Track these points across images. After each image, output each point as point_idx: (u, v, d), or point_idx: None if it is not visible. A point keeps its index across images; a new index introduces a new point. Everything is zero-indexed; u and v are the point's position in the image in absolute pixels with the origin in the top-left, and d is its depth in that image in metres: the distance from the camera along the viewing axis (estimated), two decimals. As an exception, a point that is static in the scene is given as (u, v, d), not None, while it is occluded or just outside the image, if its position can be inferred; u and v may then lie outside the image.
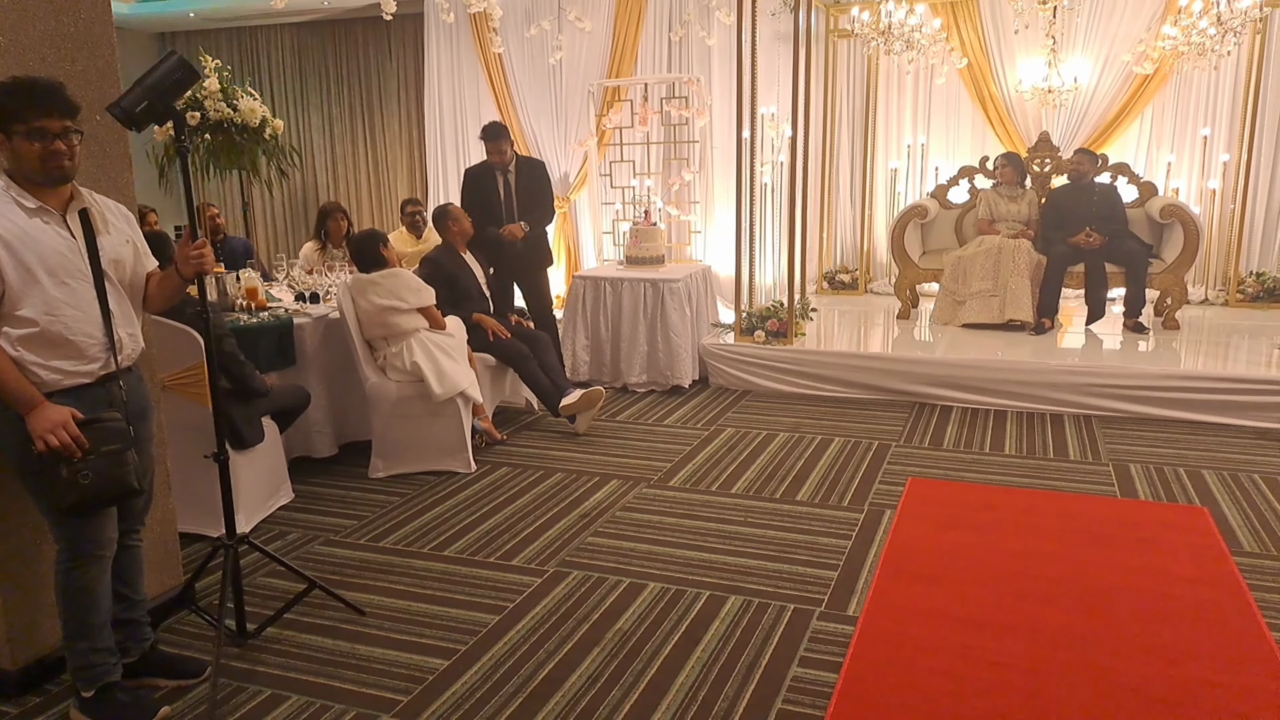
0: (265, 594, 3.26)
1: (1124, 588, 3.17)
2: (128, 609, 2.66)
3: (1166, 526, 3.70)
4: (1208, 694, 2.55)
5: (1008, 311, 6.11)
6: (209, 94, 4.54)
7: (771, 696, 2.60)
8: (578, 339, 6.17)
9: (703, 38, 7.82)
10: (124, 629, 2.65)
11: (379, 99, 9.41)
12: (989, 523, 3.76)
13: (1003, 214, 6.53)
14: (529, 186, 5.75)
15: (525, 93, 8.48)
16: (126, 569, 2.63)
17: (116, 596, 2.58)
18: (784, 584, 3.28)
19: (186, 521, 3.53)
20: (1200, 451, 4.57)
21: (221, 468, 2.80)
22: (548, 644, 2.91)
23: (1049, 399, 5.25)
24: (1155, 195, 6.58)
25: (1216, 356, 5.60)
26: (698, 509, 4.00)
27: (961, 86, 7.52)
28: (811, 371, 5.77)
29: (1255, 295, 6.91)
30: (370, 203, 9.66)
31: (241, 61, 9.68)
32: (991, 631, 2.89)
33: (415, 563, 3.52)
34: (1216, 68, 6.70)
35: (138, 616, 2.71)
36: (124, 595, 2.64)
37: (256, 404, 3.86)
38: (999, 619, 2.97)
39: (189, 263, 2.50)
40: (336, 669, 2.79)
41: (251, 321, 4.41)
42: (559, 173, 8.53)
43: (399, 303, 4.44)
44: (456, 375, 4.46)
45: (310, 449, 4.63)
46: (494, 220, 5.68)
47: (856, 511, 3.92)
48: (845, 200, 8.14)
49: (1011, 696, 2.55)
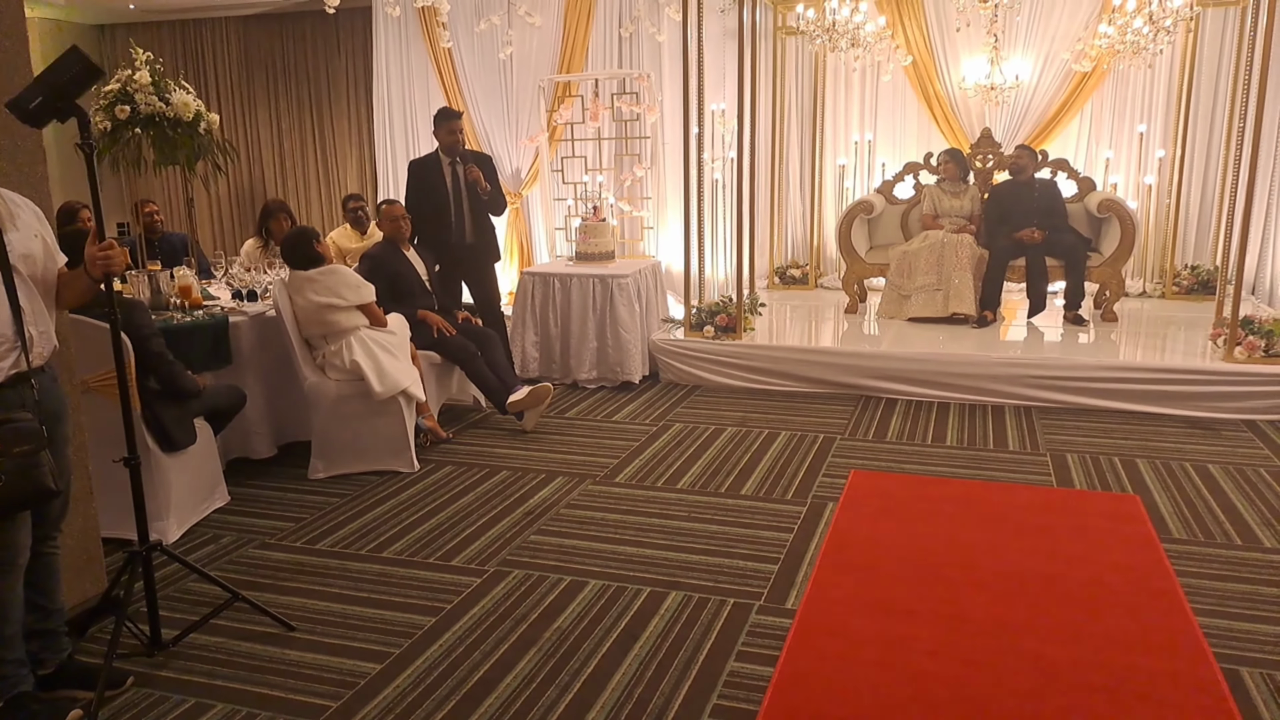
0: (195, 600, 3.20)
1: (1056, 575, 3.21)
2: (43, 619, 2.59)
3: (1099, 515, 3.76)
4: (1133, 678, 2.59)
5: (951, 305, 6.18)
6: (140, 87, 4.42)
7: (708, 692, 2.60)
8: (527, 336, 6.13)
9: (653, 34, 7.81)
10: (39, 639, 2.57)
11: (328, 94, 9.27)
12: (928, 513, 3.79)
13: (946, 209, 6.60)
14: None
15: (475, 88, 8.41)
16: (42, 578, 2.56)
17: (31, 606, 2.51)
18: (724, 579, 3.28)
19: (112, 526, 3.45)
20: (1135, 441, 4.65)
21: (133, 472, 2.72)
22: (484, 645, 2.88)
23: (990, 391, 5.32)
24: (1094, 190, 6.69)
25: (1152, 348, 5.71)
26: (641, 505, 4.00)
27: (907, 84, 7.59)
28: (760, 366, 5.79)
29: (1190, 288, 7.05)
30: (320, 199, 9.53)
31: (186, 56, 9.49)
32: (926, 621, 2.92)
33: (352, 565, 3.47)
34: (1151, 65, 6.83)
35: (54, 627, 2.63)
36: (39, 605, 2.57)
37: (188, 405, 3.78)
38: (934, 608, 3.00)
39: (96, 264, 2.44)
40: (265, 675, 2.73)
41: (185, 320, 4.32)
42: (511, 168, 8.47)
43: (337, 300, 4.38)
44: (398, 373, 4.41)
45: (248, 450, 4.55)
46: (442, 213, 5.59)
47: (799, 505, 3.94)
48: (795, 196, 8.18)
49: (943, 685, 2.58)
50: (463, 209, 5.63)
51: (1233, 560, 3.35)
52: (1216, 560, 3.35)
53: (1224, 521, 3.69)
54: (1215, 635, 2.82)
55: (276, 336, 4.49)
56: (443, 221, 5.60)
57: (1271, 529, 3.61)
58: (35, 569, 2.49)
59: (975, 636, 2.82)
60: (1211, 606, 3.01)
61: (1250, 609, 3.00)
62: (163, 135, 4.56)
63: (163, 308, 4.48)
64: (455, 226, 5.63)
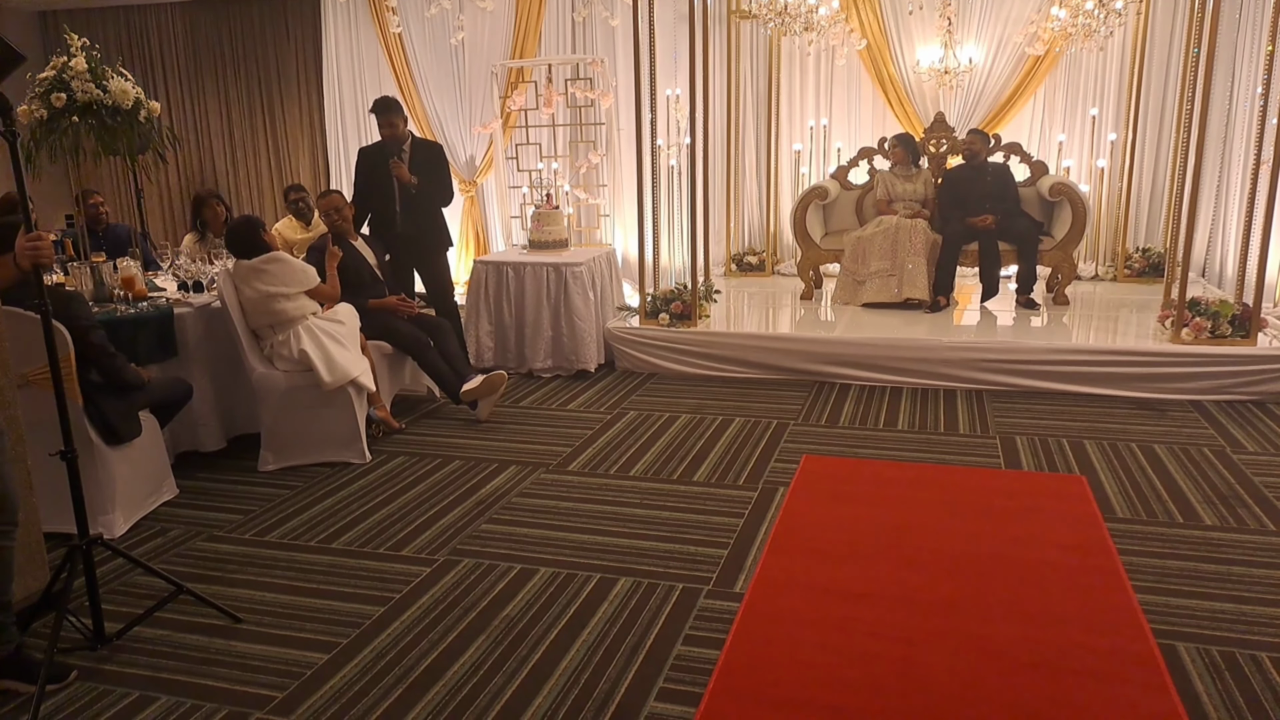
0: (140, 594, 3.15)
1: (1001, 556, 3.26)
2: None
3: (1046, 495, 3.82)
4: (1073, 655, 2.64)
5: (905, 290, 6.22)
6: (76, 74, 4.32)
7: (654, 676, 2.61)
8: (481, 325, 6.09)
9: (606, 18, 7.77)
10: None
11: (278, 81, 9.10)
12: (877, 497, 3.83)
13: (899, 194, 6.64)
14: (426, 167, 5.61)
15: (427, 73, 8.33)
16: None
17: None
18: (674, 564, 3.29)
19: (56, 521, 3.38)
20: (1082, 423, 4.72)
21: (70, 465, 2.68)
22: (432, 634, 2.87)
23: (942, 375, 5.37)
24: (1046, 174, 6.76)
25: (1103, 331, 5.80)
26: (594, 493, 3.99)
27: (862, 68, 7.62)
28: (715, 353, 5.80)
29: (1141, 270, 7.16)
30: (272, 188, 9.37)
31: (131, 43, 9.27)
32: (871, 602, 2.95)
33: (301, 556, 3.44)
34: (1103, 49, 6.91)
35: (4, 619, 2.60)
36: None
37: (133, 398, 3.71)
38: (880, 590, 3.03)
39: (24, 254, 2.40)
40: (210, 667, 2.70)
41: (129, 312, 4.24)
42: (465, 156, 8.41)
43: (284, 288, 4.32)
44: (347, 363, 4.36)
45: (197, 443, 4.49)
46: (387, 201, 5.57)
47: (751, 490, 3.96)
48: (751, 182, 8.18)
49: (887, 665, 2.60)
50: (407, 200, 5.59)
51: (1174, 538, 3.42)
52: (1158, 538, 3.41)
53: (1167, 500, 3.76)
54: (1154, 611, 2.88)
55: (223, 328, 4.42)
56: (388, 211, 5.59)
57: (1213, 507, 3.68)
58: None
59: (921, 617, 2.86)
60: (1152, 584, 3.06)
61: (1188, 585, 3.06)
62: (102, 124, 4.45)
63: (106, 300, 4.40)
64: (400, 217, 5.62)
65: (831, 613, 2.89)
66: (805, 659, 2.65)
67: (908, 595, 2.99)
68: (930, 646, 2.69)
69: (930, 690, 2.49)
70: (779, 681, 2.55)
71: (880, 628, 2.79)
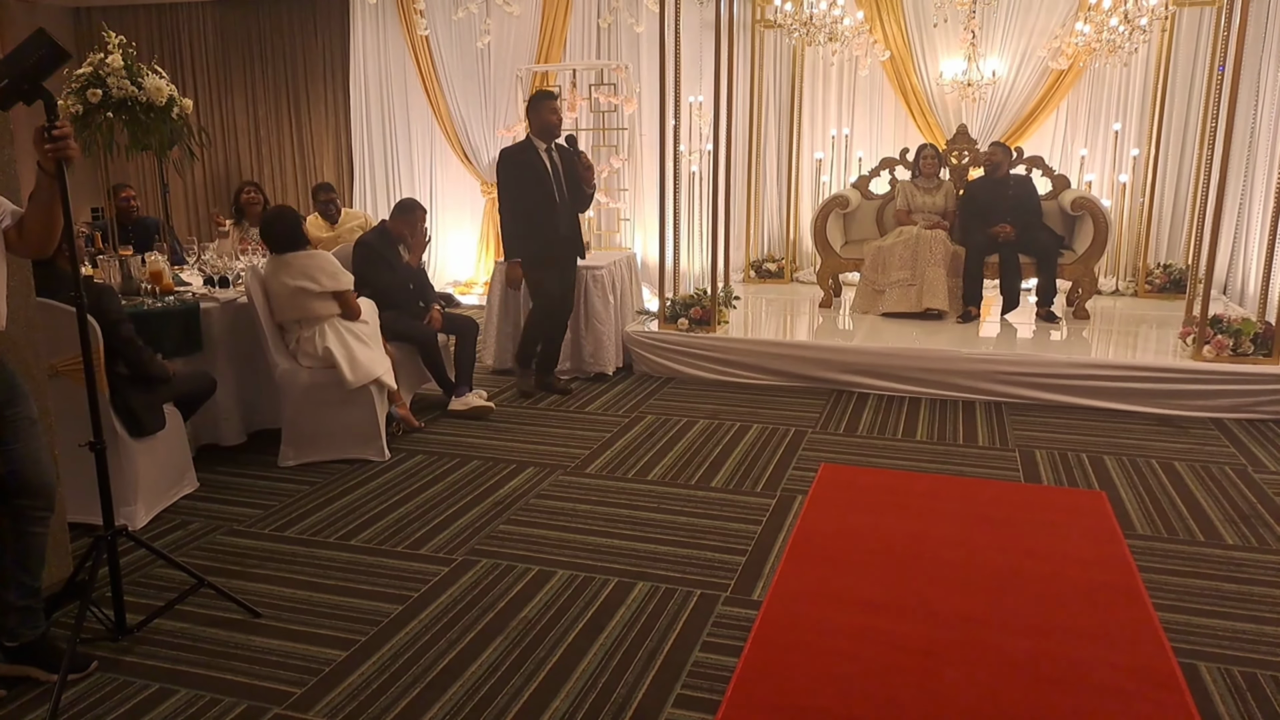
0: (161, 586, 3.18)
1: (1021, 570, 3.25)
2: (25, 595, 2.59)
3: (1065, 510, 3.80)
4: (1094, 671, 2.63)
5: (925, 300, 6.22)
6: (112, 71, 4.37)
7: (671, 682, 2.61)
8: (502, 327, 6.11)
9: (631, 24, 7.80)
10: (18, 615, 2.58)
11: (304, 80, 9.18)
12: (896, 507, 3.82)
13: (919, 205, 6.64)
14: (568, 165, 5.28)
15: (453, 76, 8.38)
16: (30, 557, 2.57)
17: (16, 584, 2.53)
18: (692, 569, 3.29)
19: (81, 511, 3.42)
20: (1103, 437, 4.70)
21: (99, 456, 2.70)
22: (450, 634, 2.88)
23: (962, 386, 5.36)
24: (1068, 188, 6.74)
25: (1123, 346, 5.77)
26: (611, 496, 4.00)
27: (884, 78, 7.62)
28: (733, 359, 5.81)
29: (1162, 286, 7.13)
30: (296, 184, 9.43)
31: (161, 39, 9.37)
32: (891, 614, 2.94)
33: (319, 552, 3.46)
34: (1127, 64, 6.89)
35: (34, 604, 2.63)
36: (23, 582, 2.58)
37: (158, 390, 3.75)
38: (899, 601, 3.02)
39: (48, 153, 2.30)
40: (229, 661, 2.72)
41: (156, 305, 4.29)
42: (488, 158, 8.45)
43: (311, 284, 4.32)
44: (370, 362, 4.39)
45: (218, 437, 4.52)
46: (548, 203, 5.18)
47: (769, 497, 3.96)
48: (772, 189, 8.19)
49: (906, 677, 2.60)
50: (564, 197, 5.24)
51: (1195, 556, 3.40)
52: (1179, 556, 3.40)
53: (1188, 518, 3.74)
54: (1175, 630, 2.86)
55: (248, 323, 4.46)
56: (548, 214, 5.20)
57: (1234, 526, 3.66)
58: (25, 549, 2.51)
59: (939, 629, 2.85)
60: (1173, 602, 3.05)
61: (1210, 605, 3.04)
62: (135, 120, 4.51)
63: (133, 293, 4.45)
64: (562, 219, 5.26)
65: (850, 623, 2.89)
66: (823, 669, 2.65)
67: (926, 607, 2.98)
68: (949, 659, 2.69)
69: (949, 703, 2.49)
70: (797, 691, 2.55)
71: (898, 639, 2.79)
